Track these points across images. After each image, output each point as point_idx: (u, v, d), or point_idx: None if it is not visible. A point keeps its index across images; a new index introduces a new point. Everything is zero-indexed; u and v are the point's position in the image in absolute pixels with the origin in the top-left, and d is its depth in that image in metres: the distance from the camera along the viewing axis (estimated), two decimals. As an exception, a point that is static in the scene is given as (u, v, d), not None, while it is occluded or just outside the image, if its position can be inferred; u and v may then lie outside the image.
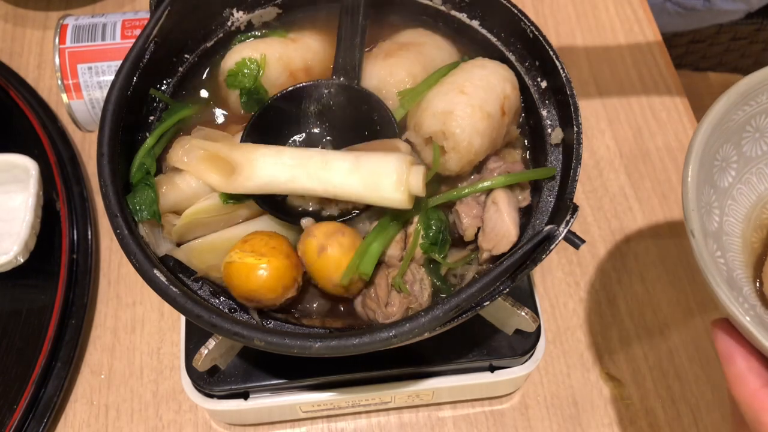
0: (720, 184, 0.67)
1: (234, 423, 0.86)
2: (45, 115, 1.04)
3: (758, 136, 0.68)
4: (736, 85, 0.64)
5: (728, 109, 0.64)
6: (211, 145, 0.66)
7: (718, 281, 0.55)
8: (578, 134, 0.66)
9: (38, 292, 0.89)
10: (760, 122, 0.67)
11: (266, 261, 0.61)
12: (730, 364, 0.56)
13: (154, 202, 0.66)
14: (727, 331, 0.57)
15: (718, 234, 0.65)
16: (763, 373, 0.55)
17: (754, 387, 0.55)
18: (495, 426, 0.86)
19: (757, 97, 0.66)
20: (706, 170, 0.64)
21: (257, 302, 0.63)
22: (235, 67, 0.73)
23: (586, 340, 0.91)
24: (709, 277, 0.56)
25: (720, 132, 0.64)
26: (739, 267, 0.66)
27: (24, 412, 0.81)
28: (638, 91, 1.11)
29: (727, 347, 0.57)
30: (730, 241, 0.66)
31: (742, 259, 0.66)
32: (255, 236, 0.64)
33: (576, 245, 0.60)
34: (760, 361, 0.56)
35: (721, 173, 0.67)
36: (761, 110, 0.67)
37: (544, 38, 0.71)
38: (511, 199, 0.68)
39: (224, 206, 0.68)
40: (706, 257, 0.56)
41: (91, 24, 0.92)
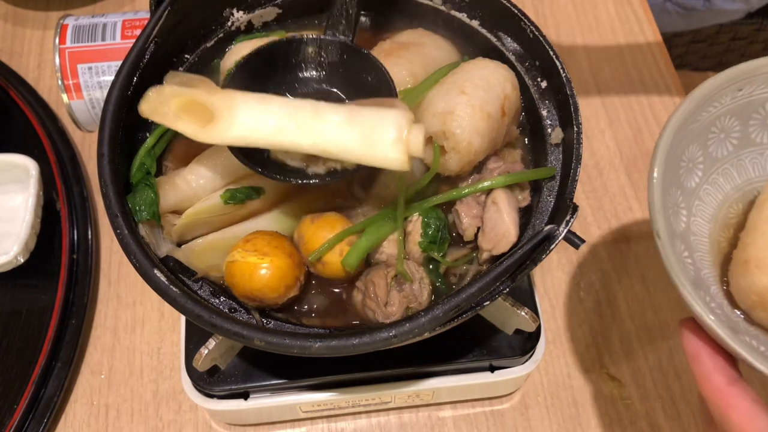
0: (687, 184, 0.67)
1: (234, 423, 0.86)
2: (45, 115, 1.04)
3: (723, 137, 0.69)
4: (699, 87, 0.64)
5: (692, 111, 0.64)
6: (187, 91, 0.59)
7: (682, 281, 0.56)
8: (578, 134, 0.66)
9: (38, 292, 0.89)
10: (725, 123, 0.68)
11: (269, 260, 0.61)
12: (696, 362, 0.57)
13: (154, 203, 0.66)
14: (694, 331, 0.58)
15: (686, 234, 0.66)
16: (728, 372, 0.56)
17: (720, 385, 0.56)
18: (495, 426, 0.86)
19: (721, 99, 0.66)
20: (672, 172, 0.64)
21: (259, 301, 0.63)
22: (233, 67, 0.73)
23: (586, 340, 0.91)
24: (674, 277, 0.56)
25: (685, 133, 0.64)
26: (707, 266, 0.66)
27: (24, 412, 0.81)
28: (638, 91, 1.11)
29: (694, 346, 0.58)
30: (697, 241, 0.67)
31: (709, 258, 0.67)
32: (257, 236, 0.64)
33: (576, 245, 0.60)
34: (726, 360, 0.57)
35: (688, 174, 0.67)
36: (726, 111, 0.67)
37: (544, 38, 0.71)
38: (511, 199, 0.68)
39: (225, 206, 0.68)
40: (671, 258, 0.57)
41: (91, 24, 0.92)
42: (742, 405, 0.54)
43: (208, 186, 0.69)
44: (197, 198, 0.69)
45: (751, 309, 0.62)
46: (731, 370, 0.57)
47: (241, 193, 0.68)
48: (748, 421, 0.54)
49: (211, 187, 0.69)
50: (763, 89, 0.67)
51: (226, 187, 0.69)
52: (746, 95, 0.67)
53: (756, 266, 0.60)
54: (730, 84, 0.66)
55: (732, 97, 0.67)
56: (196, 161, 0.70)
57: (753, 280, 0.60)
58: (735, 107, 0.68)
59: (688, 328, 0.59)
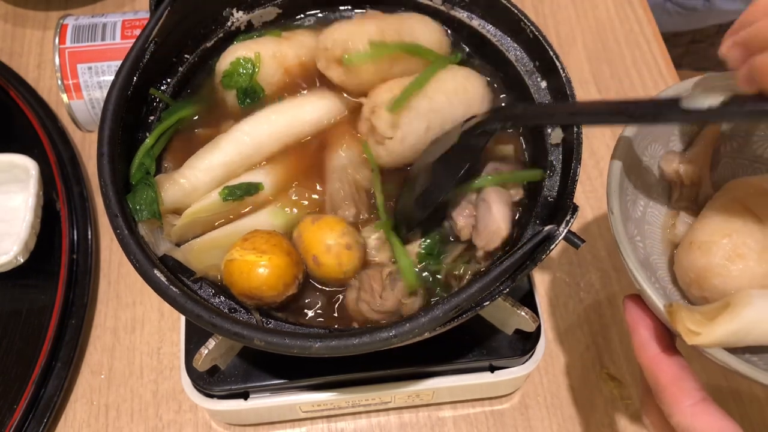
0: (647, 179, 0.71)
1: (234, 423, 0.86)
2: (45, 115, 1.04)
3: (685, 140, 0.72)
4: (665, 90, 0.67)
5: None
6: None
7: (629, 254, 0.60)
8: (578, 134, 0.66)
9: (38, 292, 0.89)
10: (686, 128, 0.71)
11: (267, 258, 0.61)
12: (635, 333, 0.61)
13: (154, 202, 0.66)
14: (637, 304, 0.62)
15: (641, 222, 0.70)
16: (663, 341, 0.60)
17: (654, 352, 0.59)
18: (495, 426, 0.86)
19: None
20: (634, 164, 0.68)
21: (258, 300, 0.63)
22: (230, 68, 0.73)
23: (586, 340, 0.91)
24: (621, 249, 0.61)
25: (648, 131, 0.68)
26: (656, 254, 0.70)
27: (24, 412, 0.81)
28: (638, 91, 1.11)
29: (634, 318, 0.62)
30: (651, 230, 0.71)
31: (660, 248, 0.71)
32: (255, 234, 0.64)
33: (576, 245, 0.60)
34: (662, 331, 0.60)
35: (649, 170, 0.71)
36: None
37: (544, 38, 0.71)
38: (502, 195, 0.68)
39: (223, 203, 0.68)
40: (621, 232, 0.61)
41: (91, 24, 0.92)
42: (671, 369, 0.58)
43: (207, 180, 0.69)
44: (197, 194, 0.69)
45: (688, 286, 0.66)
46: (665, 340, 0.60)
47: (240, 189, 0.68)
48: (675, 382, 0.57)
49: (210, 181, 0.69)
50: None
51: (224, 184, 0.69)
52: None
53: (698, 247, 0.64)
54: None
55: None
56: (193, 158, 0.70)
57: (693, 260, 0.65)
58: None
59: (630, 301, 0.63)
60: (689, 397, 0.56)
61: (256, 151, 0.71)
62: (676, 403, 0.56)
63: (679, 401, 0.56)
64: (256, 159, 0.72)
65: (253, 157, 0.71)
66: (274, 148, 0.72)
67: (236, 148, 0.70)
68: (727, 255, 0.63)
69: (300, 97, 0.75)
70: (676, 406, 0.56)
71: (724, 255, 0.63)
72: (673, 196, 0.72)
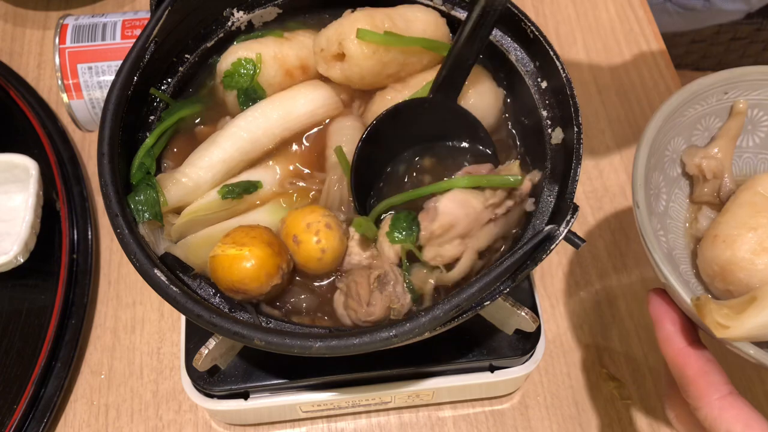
0: (669, 173, 0.72)
1: (234, 423, 0.86)
2: (45, 115, 1.04)
3: (707, 135, 0.73)
4: (689, 84, 0.69)
5: (680, 104, 0.69)
6: None
7: (654, 248, 0.61)
8: (578, 134, 0.66)
9: (38, 292, 0.89)
10: (709, 122, 0.72)
11: (247, 250, 0.61)
12: (660, 326, 0.62)
13: (156, 203, 0.66)
14: (661, 297, 0.63)
15: (663, 216, 0.71)
16: (688, 335, 0.60)
17: (680, 346, 0.60)
18: (495, 426, 0.86)
19: (708, 99, 0.71)
20: (657, 158, 0.69)
21: (243, 293, 0.63)
22: (231, 68, 0.73)
23: (586, 340, 0.91)
24: (648, 243, 0.61)
25: (672, 125, 0.69)
26: (679, 248, 0.71)
27: (24, 412, 0.81)
28: (638, 91, 1.11)
29: (659, 311, 0.62)
30: (673, 225, 0.72)
31: (683, 242, 0.72)
32: (237, 229, 0.64)
33: (576, 245, 0.60)
34: (687, 325, 0.61)
35: (671, 164, 0.72)
36: (711, 111, 0.72)
37: (545, 38, 0.71)
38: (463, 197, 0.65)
39: (222, 202, 0.68)
40: (647, 227, 0.62)
41: (91, 24, 0.92)
42: (698, 362, 0.58)
43: (208, 178, 0.69)
44: (200, 192, 0.69)
45: (712, 279, 0.67)
46: (690, 333, 0.61)
47: (239, 187, 0.68)
48: (702, 376, 0.57)
49: (211, 178, 0.69)
50: (746, 95, 0.71)
51: (224, 182, 0.69)
52: (731, 99, 0.72)
53: (723, 241, 0.65)
54: (717, 86, 0.70)
55: (718, 98, 0.71)
56: (193, 156, 0.70)
57: (718, 252, 0.65)
58: (720, 109, 0.72)
59: (655, 294, 0.63)
60: (716, 390, 0.56)
61: (254, 146, 0.71)
62: (703, 397, 0.56)
63: (706, 394, 0.56)
64: (254, 155, 0.71)
65: (251, 153, 0.71)
66: (271, 143, 0.72)
67: (234, 144, 0.70)
68: (752, 249, 0.64)
69: (292, 88, 0.75)
70: (703, 399, 0.56)
71: (750, 249, 0.64)
72: (695, 191, 0.73)
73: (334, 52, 0.71)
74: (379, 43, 0.70)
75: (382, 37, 0.70)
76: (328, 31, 0.72)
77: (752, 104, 0.72)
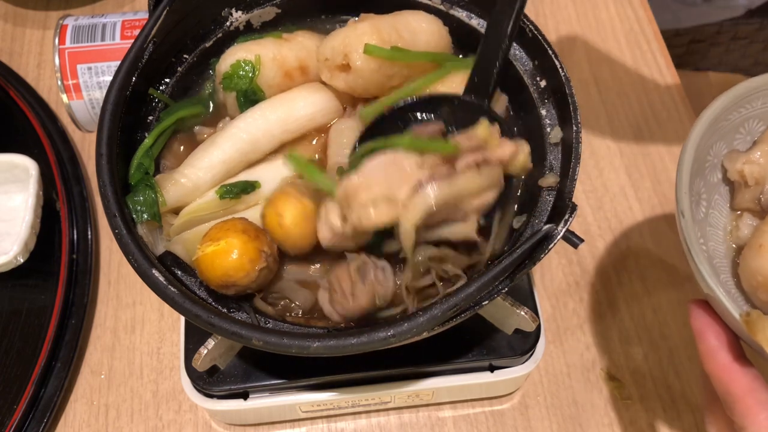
0: (710, 179, 0.70)
1: (234, 423, 0.86)
2: (45, 115, 1.04)
3: (749, 140, 0.71)
4: (735, 87, 0.66)
5: (726, 108, 0.66)
6: None
7: (700, 258, 0.58)
8: (577, 133, 0.66)
9: (38, 292, 0.89)
10: (752, 126, 0.70)
11: (224, 242, 0.62)
12: (702, 340, 0.60)
13: (154, 204, 0.66)
14: (704, 309, 0.61)
15: (703, 224, 0.69)
16: (733, 349, 0.58)
17: (724, 362, 0.58)
18: (495, 426, 0.86)
19: (753, 102, 0.68)
20: (699, 163, 0.67)
21: (234, 285, 0.63)
22: (230, 70, 0.73)
23: (586, 340, 0.91)
24: (693, 254, 0.59)
25: (715, 129, 0.66)
26: (719, 257, 0.69)
27: (24, 412, 0.81)
28: (638, 91, 1.11)
29: (702, 324, 0.60)
30: (713, 233, 0.70)
31: (722, 251, 0.69)
32: (211, 228, 0.64)
33: (575, 244, 0.60)
34: (731, 339, 0.59)
35: (712, 169, 0.70)
36: (755, 114, 0.69)
37: (544, 38, 0.71)
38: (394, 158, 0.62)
39: (221, 202, 0.68)
40: (692, 237, 0.59)
41: (91, 24, 0.92)
42: (744, 379, 0.56)
43: (208, 179, 0.69)
44: (198, 192, 0.69)
45: (755, 290, 0.64)
46: (735, 348, 0.59)
47: (236, 187, 0.68)
48: (749, 393, 0.56)
49: (210, 179, 0.69)
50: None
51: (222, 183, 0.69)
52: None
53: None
54: (764, 89, 0.67)
55: (763, 102, 0.69)
56: (192, 156, 0.70)
57: (763, 262, 0.63)
58: (764, 112, 0.69)
59: (697, 306, 0.61)
60: (764, 409, 0.55)
61: (253, 148, 0.71)
62: (750, 415, 0.55)
63: (754, 413, 0.55)
64: (254, 156, 0.71)
65: (251, 154, 0.71)
66: (270, 144, 0.72)
67: (234, 145, 0.70)
68: None
69: (292, 91, 0.75)
70: (749, 418, 0.55)
71: None
72: (735, 197, 0.70)
73: (339, 62, 0.70)
74: (386, 59, 0.70)
75: (389, 52, 0.69)
76: (333, 40, 0.71)
77: None
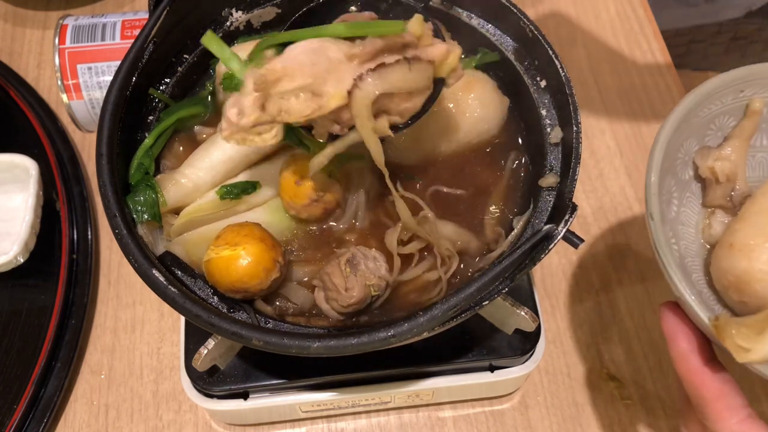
0: (681, 177, 0.69)
1: (234, 423, 0.86)
2: (45, 115, 1.04)
3: (720, 135, 0.71)
4: (705, 83, 0.66)
5: (696, 105, 0.66)
6: None
7: (669, 261, 0.58)
8: (577, 133, 0.66)
9: (38, 292, 0.89)
10: (723, 122, 0.70)
11: (242, 248, 0.61)
12: (674, 343, 0.60)
13: (155, 204, 0.66)
14: (675, 312, 0.60)
15: (675, 223, 0.68)
16: (704, 353, 0.58)
17: (695, 366, 0.58)
18: (495, 426, 0.86)
19: (723, 97, 0.68)
20: (670, 161, 0.66)
21: (244, 292, 0.63)
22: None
23: (586, 340, 0.91)
24: (662, 257, 0.59)
25: (686, 126, 0.66)
26: (691, 256, 0.69)
27: (24, 412, 0.81)
28: (638, 91, 1.11)
29: (673, 327, 0.60)
30: (685, 231, 0.69)
31: (695, 249, 0.69)
32: (226, 230, 0.64)
33: (575, 244, 0.60)
34: (702, 342, 0.59)
35: (683, 167, 0.70)
36: (726, 110, 0.69)
37: (544, 37, 0.71)
38: (320, 44, 0.58)
39: (221, 202, 0.68)
40: (661, 238, 0.59)
41: (91, 24, 0.92)
42: (715, 383, 0.56)
43: (208, 179, 0.69)
44: (199, 193, 0.69)
45: (725, 289, 0.64)
46: (706, 351, 0.59)
47: (237, 188, 0.68)
48: (720, 398, 0.56)
49: (211, 180, 0.69)
50: (762, 93, 0.69)
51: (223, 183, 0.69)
52: (747, 97, 0.69)
53: (739, 250, 0.63)
54: (734, 84, 0.67)
55: (733, 97, 0.68)
56: (192, 157, 0.70)
57: (733, 262, 0.63)
58: (734, 108, 0.69)
59: (668, 309, 0.61)
60: (735, 413, 0.55)
61: (254, 148, 0.71)
62: (721, 420, 0.55)
63: (724, 418, 0.55)
64: (254, 157, 0.71)
65: (251, 155, 0.71)
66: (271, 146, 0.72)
67: (234, 146, 0.70)
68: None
69: None
70: (721, 423, 0.55)
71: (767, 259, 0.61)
72: (707, 194, 0.70)
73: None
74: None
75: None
76: None
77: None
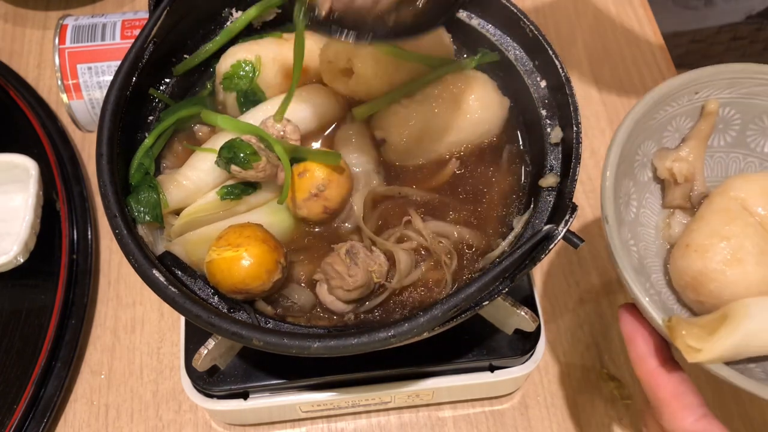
0: (640, 178, 0.70)
1: (234, 423, 0.86)
2: (45, 115, 1.04)
3: (678, 137, 0.71)
4: (659, 86, 0.67)
5: (651, 107, 0.66)
6: None
7: (624, 264, 0.59)
8: (578, 133, 0.66)
9: (38, 292, 0.89)
10: (680, 123, 0.70)
11: (244, 250, 0.61)
12: (632, 345, 0.60)
13: (157, 205, 0.66)
14: (632, 314, 0.61)
15: (634, 224, 0.69)
16: (660, 354, 0.59)
17: (652, 366, 0.59)
18: (495, 426, 0.86)
19: (679, 99, 0.68)
20: (627, 164, 0.67)
21: (246, 293, 0.63)
22: (230, 70, 0.73)
23: (586, 340, 0.91)
24: (617, 260, 0.59)
25: (642, 128, 0.67)
26: (651, 257, 0.69)
27: (24, 412, 0.81)
28: (638, 91, 1.11)
29: (631, 329, 0.61)
30: (644, 232, 0.70)
31: (654, 249, 0.70)
32: (228, 231, 0.64)
33: (575, 245, 0.60)
34: (660, 343, 0.60)
35: (642, 168, 0.70)
36: (682, 111, 0.70)
37: (544, 38, 0.71)
38: None
39: (221, 203, 0.68)
40: (616, 241, 0.60)
41: (91, 24, 0.92)
42: (670, 384, 0.57)
43: (209, 180, 0.69)
44: (200, 194, 0.69)
45: (683, 289, 0.65)
46: (664, 352, 0.59)
47: (237, 188, 0.68)
48: (675, 398, 0.57)
49: (212, 181, 0.69)
50: (718, 94, 0.69)
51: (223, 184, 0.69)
52: (702, 99, 0.69)
53: (695, 250, 0.63)
54: (688, 86, 0.68)
55: (689, 98, 0.69)
56: (193, 158, 0.70)
57: (689, 262, 0.63)
58: (691, 109, 0.70)
59: (626, 311, 0.62)
60: (691, 413, 0.55)
61: None
62: (676, 420, 0.56)
63: (680, 418, 0.56)
64: None
65: None
66: None
67: None
68: (724, 259, 0.62)
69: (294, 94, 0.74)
70: (676, 423, 0.56)
71: (722, 259, 0.62)
72: (666, 195, 0.71)
73: (342, 67, 0.70)
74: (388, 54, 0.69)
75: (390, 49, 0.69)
76: (337, 44, 0.71)
77: (723, 103, 0.69)
